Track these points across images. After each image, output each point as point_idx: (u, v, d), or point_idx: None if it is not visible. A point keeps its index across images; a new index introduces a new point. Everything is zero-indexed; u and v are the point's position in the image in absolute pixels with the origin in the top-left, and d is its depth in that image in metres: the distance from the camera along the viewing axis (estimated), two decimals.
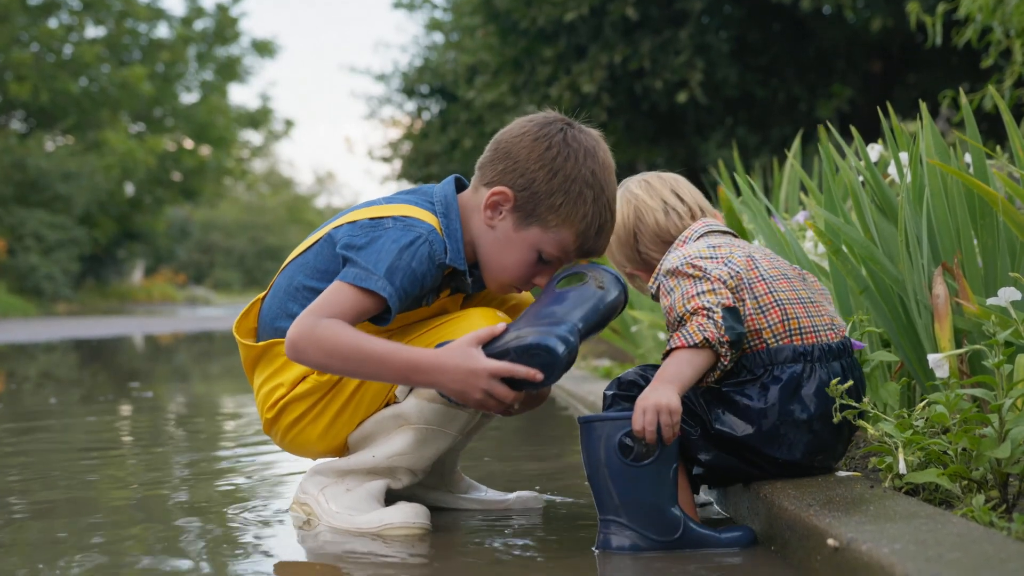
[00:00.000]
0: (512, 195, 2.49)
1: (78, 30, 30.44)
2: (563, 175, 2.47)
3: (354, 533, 2.51)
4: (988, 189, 2.68)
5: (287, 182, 65.66)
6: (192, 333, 16.40)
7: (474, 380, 2.32)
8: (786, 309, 2.38)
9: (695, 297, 2.31)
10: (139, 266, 41.33)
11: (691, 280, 2.36)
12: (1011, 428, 2.08)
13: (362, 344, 2.36)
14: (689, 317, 2.29)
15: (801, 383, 2.32)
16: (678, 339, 2.28)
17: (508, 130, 2.58)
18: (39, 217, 26.68)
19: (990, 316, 2.41)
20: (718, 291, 2.33)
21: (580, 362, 7.36)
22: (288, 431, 2.61)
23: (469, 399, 2.35)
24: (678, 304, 2.33)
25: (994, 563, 1.58)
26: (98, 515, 2.82)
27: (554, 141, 2.49)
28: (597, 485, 2.27)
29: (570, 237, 2.50)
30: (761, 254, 2.48)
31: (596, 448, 2.26)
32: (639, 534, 2.24)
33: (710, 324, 2.27)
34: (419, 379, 2.37)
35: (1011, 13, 5.56)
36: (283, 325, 2.56)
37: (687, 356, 2.27)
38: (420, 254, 2.43)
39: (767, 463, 2.35)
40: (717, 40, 12.06)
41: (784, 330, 2.36)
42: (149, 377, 8.30)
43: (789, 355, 2.34)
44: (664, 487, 2.24)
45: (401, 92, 18.83)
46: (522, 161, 2.50)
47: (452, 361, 2.33)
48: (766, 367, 2.34)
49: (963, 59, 11.67)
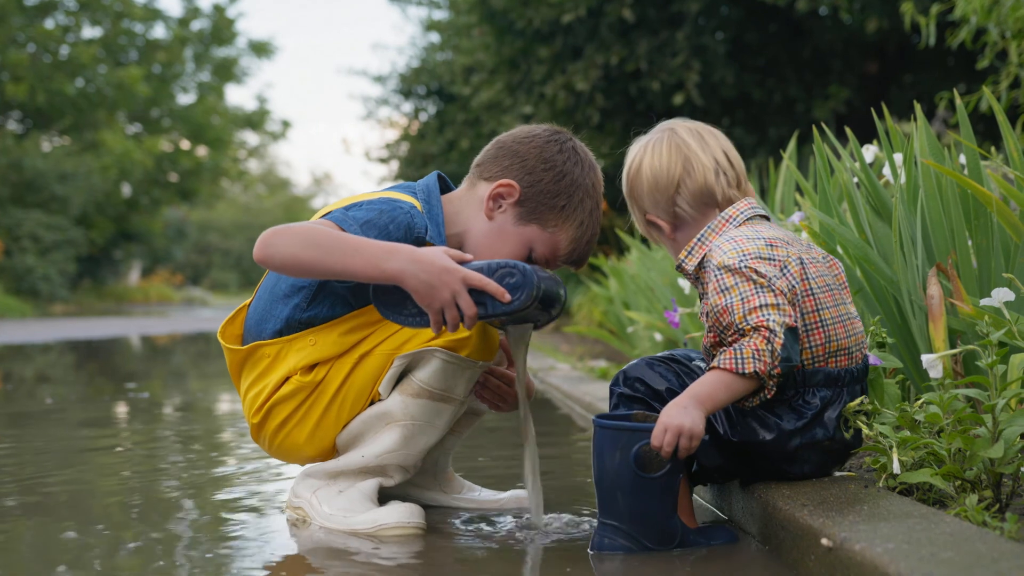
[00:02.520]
0: (518, 189, 2.55)
1: (74, 30, 30.42)
2: (569, 179, 2.55)
3: (349, 534, 2.51)
4: (982, 190, 2.68)
5: (284, 183, 65.66)
6: (189, 334, 16.40)
7: (447, 278, 2.25)
8: (829, 332, 2.30)
9: (758, 310, 2.17)
10: (136, 267, 41.28)
11: (752, 286, 2.21)
12: (1004, 428, 2.09)
13: (334, 232, 2.33)
14: (750, 332, 2.16)
15: (828, 408, 2.30)
16: (728, 360, 2.16)
17: (513, 134, 2.64)
18: (36, 218, 26.66)
19: (984, 317, 2.42)
20: (782, 307, 2.19)
21: (576, 363, 7.36)
22: (275, 435, 2.61)
23: (435, 298, 2.26)
24: (737, 311, 2.18)
25: (987, 562, 1.58)
26: (92, 514, 2.82)
27: (565, 147, 2.59)
28: (603, 489, 2.25)
29: (564, 240, 2.56)
30: (808, 256, 2.34)
31: (610, 454, 2.22)
32: (637, 541, 2.24)
33: (766, 353, 2.14)
34: (392, 265, 2.27)
35: (1007, 14, 5.57)
36: (265, 326, 2.60)
37: (729, 380, 2.16)
38: (398, 220, 2.45)
39: (776, 474, 2.36)
40: (714, 41, 12.06)
41: (823, 353, 2.30)
42: (145, 378, 8.30)
43: (821, 380, 2.29)
44: (669, 497, 2.23)
45: (398, 93, 18.84)
46: (531, 160, 2.57)
47: (429, 255, 2.27)
48: (797, 389, 2.29)
49: (959, 60, 11.69)
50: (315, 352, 2.55)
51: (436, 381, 2.54)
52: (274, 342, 2.58)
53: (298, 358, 2.56)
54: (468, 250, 2.58)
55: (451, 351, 2.52)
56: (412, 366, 2.55)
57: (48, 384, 7.57)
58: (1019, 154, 2.90)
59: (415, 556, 2.35)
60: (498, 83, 13.40)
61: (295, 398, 2.57)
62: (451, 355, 2.52)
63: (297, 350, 2.56)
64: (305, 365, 2.55)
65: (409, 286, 2.27)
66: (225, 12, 32.79)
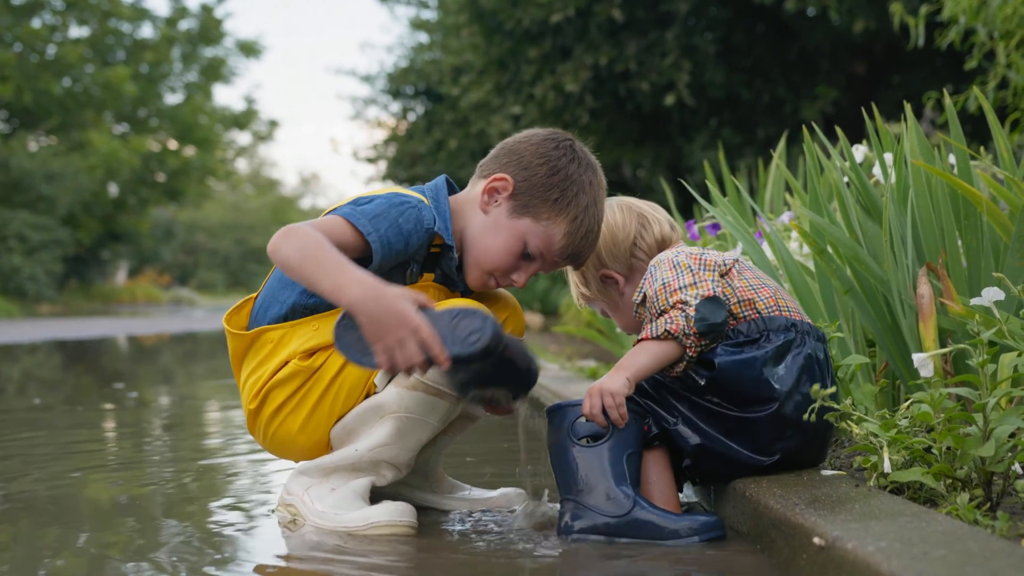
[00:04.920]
0: (512, 182, 2.60)
1: (61, 30, 30.34)
2: (564, 174, 2.60)
3: (340, 532, 2.51)
4: (972, 189, 2.69)
5: (272, 183, 65.55)
6: (176, 334, 16.36)
7: (399, 324, 2.18)
8: (775, 292, 2.51)
9: (677, 291, 2.40)
10: (123, 267, 41.21)
11: (674, 272, 2.45)
12: (995, 427, 2.09)
13: (327, 248, 2.30)
14: (669, 309, 2.39)
15: (790, 349, 2.42)
16: (645, 331, 2.40)
17: (515, 136, 2.71)
18: (22, 218, 26.58)
19: (974, 316, 2.42)
20: (700, 284, 2.41)
21: (565, 363, 7.36)
22: (270, 422, 2.61)
23: (382, 338, 2.19)
24: (661, 296, 2.42)
25: (978, 560, 1.58)
26: (81, 513, 2.81)
27: (561, 144, 2.64)
28: (557, 467, 2.43)
29: (559, 234, 2.58)
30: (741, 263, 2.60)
31: (556, 433, 2.43)
32: (592, 513, 2.35)
33: (679, 318, 2.36)
34: (346, 296, 2.21)
35: (994, 15, 5.59)
36: (271, 311, 2.63)
37: (648, 346, 2.38)
38: (408, 214, 2.50)
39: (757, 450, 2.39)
40: (704, 41, 12.08)
41: (775, 304, 2.48)
42: (134, 377, 8.28)
43: (782, 324, 2.45)
44: (616, 467, 2.36)
45: (386, 93, 18.83)
46: (527, 156, 2.62)
47: (391, 294, 2.20)
48: (762, 332, 2.44)
49: (947, 61, 11.72)
50: (317, 337, 2.56)
51: (432, 374, 2.54)
52: (279, 327, 2.60)
53: (300, 342, 2.57)
54: (465, 245, 2.63)
55: None
56: None
57: (35, 384, 7.54)
58: (1009, 154, 2.91)
59: (406, 554, 2.34)
60: (487, 83, 13.41)
61: (292, 382, 2.58)
62: None
63: (300, 335, 2.58)
64: (306, 350, 2.57)
65: (360, 319, 2.21)
66: (213, 12, 32.74)
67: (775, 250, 3.22)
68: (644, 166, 15.44)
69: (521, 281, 2.63)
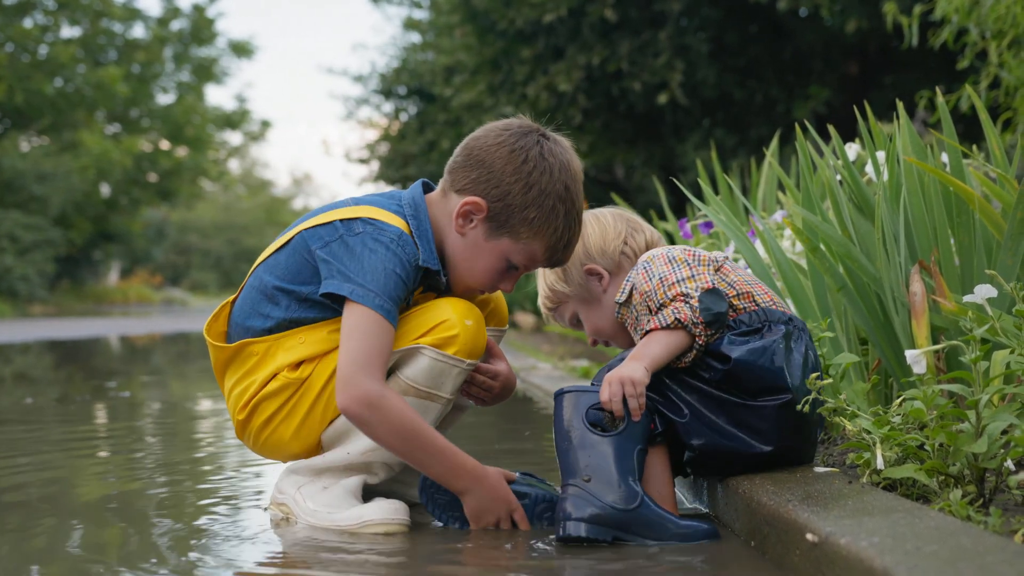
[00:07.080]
0: (485, 206, 2.52)
1: (53, 30, 30.26)
2: (538, 189, 2.50)
3: (333, 531, 2.51)
4: (965, 187, 2.70)
5: (264, 184, 65.43)
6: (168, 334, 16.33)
7: (500, 506, 2.47)
8: (767, 289, 2.56)
9: (676, 284, 2.42)
10: (115, 267, 41.15)
11: (670, 266, 2.46)
12: (988, 423, 2.09)
13: (423, 430, 2.43)
14: (669, 303, 2.40)
15: (791, 341, 2.45)
16: (652, 322, 2.40)
17: (482, 137, 2.58)
18: (14, 218, 26.51)
19: (967, 313, 2.43)
20: (698, 277, 2.43)
21: (558, 362, 7.37)
22: (261, 431, 2.60)
23: (483, 517, 2.48)
24: (659, 290, 2.43)
25: (971, 556, 1.59)
26: (72, 511, 2.80)
27: (531, 155, 2.52)
28: (562, 452, 2.38)
29: (540, 249, 2.56)
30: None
31: (568, 417, 2.39)
32: (599, 502, 2.30)
33: (685, 309, 2.37)
34: (458, 483, 2.46)
35: (986, 15, 5.60)
36: (254, 324, 2.59)
37: (659, 336, 2.38)
38: (402, 261, 2.47)
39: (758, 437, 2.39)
40: (696, 41, 12.08)
41: (771, 300, 2.53)
42: (126, 377, 8.26)
43: (780, 316, 2.49)
44: (625, 461, 2.33)
45: (379, 93, 18.81)
46: (497, 172, 2.51)
47: (489, 481, 2.47)
48: (763, 322, 2.47)
49: (939, 61, 11.73)
50: (303, 349, 2.55)
51: (423, 379, 2.53)
52: (263, 340, 2.58)
53: (287, 355, 2.55)
54: (448, 262, 2.59)
55: (439, 349, 2.51)
56: (400, 363, 2.54)
57: (27, 384, 7.52)
58: (1001, 152, 2.92)
59: (400, 552, 2.34)
60: (480, 84, 13.39)
61: (282, 394, 2.56)
62: (439, 353, 2.52)
63: (286, 348, 2.56)
64: (293, 362, 2.55)
65: (468, 504, 2.48)
66: (205, 12, 32.66)
67: (768, 248, 3.22)
68: (637, 166, 15.45)
69: (509, 288, 2.63)
